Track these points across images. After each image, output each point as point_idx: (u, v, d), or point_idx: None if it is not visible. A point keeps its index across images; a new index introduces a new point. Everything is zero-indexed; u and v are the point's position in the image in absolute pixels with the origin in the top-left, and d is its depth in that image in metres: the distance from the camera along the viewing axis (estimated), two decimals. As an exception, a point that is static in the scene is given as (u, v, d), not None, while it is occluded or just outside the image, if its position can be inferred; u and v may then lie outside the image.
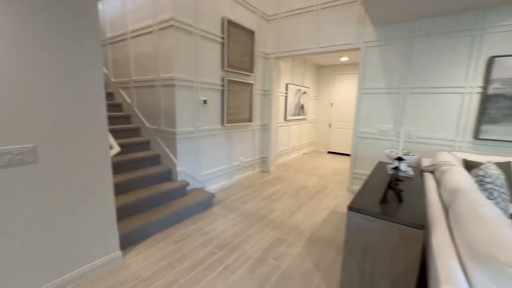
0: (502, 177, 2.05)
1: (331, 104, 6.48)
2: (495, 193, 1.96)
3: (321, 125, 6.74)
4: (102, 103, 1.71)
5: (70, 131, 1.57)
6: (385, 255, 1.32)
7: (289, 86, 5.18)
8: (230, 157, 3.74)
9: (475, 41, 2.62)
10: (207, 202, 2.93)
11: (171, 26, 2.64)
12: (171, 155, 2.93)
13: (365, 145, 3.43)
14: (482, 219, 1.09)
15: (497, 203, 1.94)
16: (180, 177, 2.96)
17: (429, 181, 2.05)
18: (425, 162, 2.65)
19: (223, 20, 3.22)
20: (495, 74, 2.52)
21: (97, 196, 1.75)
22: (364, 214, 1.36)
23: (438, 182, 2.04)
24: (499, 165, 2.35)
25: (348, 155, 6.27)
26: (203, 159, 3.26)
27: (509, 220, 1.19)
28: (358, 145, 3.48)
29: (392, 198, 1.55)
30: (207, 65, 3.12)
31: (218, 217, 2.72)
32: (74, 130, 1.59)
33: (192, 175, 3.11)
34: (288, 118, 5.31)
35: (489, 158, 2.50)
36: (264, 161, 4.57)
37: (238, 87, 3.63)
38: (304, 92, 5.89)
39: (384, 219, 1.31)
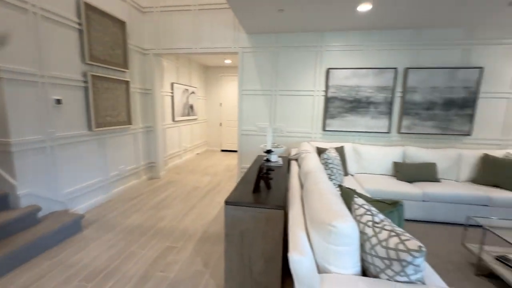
0: (338, 158, 2.76)
1: (220, 104, 6.73)
2: (335, 170, 2.61)
3: (213, 124, 6.89)
4: None
5: None
6: (258, 238, 1.49)
7: (175, 85, 4.95)
8: (105, 167, 3.17)
9: (318, 55, 3.40)
10: (73, 227, 2.36)
11: (-14, -4, 1.90)
12: (5, 174, 2.15)
13: (248, 142, 3.77)
14: (320, 192, 1.41)
15: (335, 178, 2.60)
16: (26, 202, 2.22)
17: (294, 167, 2.50)
18: (293, 152, 3.22)
19: (78, 2, 2.64)
20: (331, 81, 3.37)
21: None
22: (239, 205, 1.48)
23: (300, 168, 2.51)
24: (337, 149, 3.17)
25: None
26: (64, 174, 2.59)
27: (338, 192, 1.61)
28: (243, 141, 3.79)
29: (264, 187, 1.77)
30: (59, 55, 2.48)
31: (89, 241, 2.24)
32: None
33: (47, 197, 2.41)
34: (177, 118, 5.08)
35: (331, 144, 3.33)
36: (152, 166, 4.17)
37: (109, 84, 3.10)
38: (193, 92, 5.81)
39: (254, 207, 1.47)
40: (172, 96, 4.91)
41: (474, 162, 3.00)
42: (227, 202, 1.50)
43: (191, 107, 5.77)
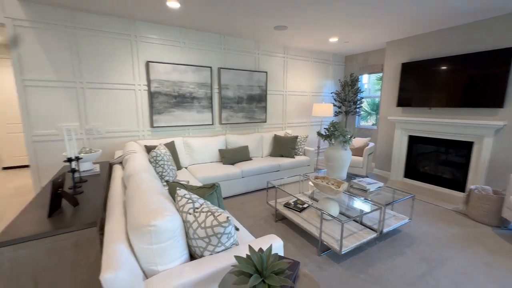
0: (168, 153, 2.73)
1: (-11, 100, 4.46)
2: (166, 167, 2.57)
3: (-23, 131, 4.45)
4: None
5: None
6: (65, 275, 1.15)
7: None
8: None
9: (133, 46, 3.10)
10: None
11: None
12: None
13: (47, 150, 2.80)
14: (141, 193, 1.31)
15: (168, 174, 2.57)
16: None
17: (117, 172, 2.17)
18: (118, 154, 2.79)
19: None
20: (152, 75, 3.22)
21: None
22: (22, 242, 1.06)
23: (124, 171, 2.22)
24: (167, 145, 3.13)
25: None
26: None
27: (165, 190, 1.57)
28: (37, 151, 2.76)
29: (68, 205, 1.38)
30: None
31: None
32: None
33: None
34: None
35: (162, 141, 3.24)
36: None
37: None
38: None
39: (52, 235, 1.11)
40: None
41: (269, 141, 4.11)
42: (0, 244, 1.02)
43: None
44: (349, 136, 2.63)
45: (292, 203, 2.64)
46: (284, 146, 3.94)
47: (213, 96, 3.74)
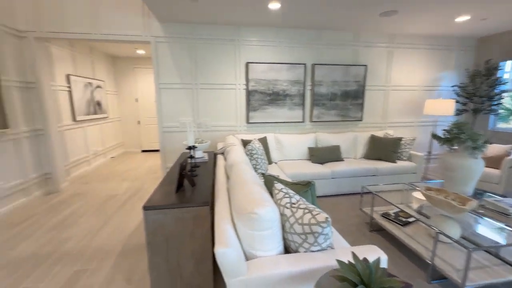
0: (262, 148, 2.91)
1: (136, 100, 6.02)
2: (259, 160, 2.75)
3: (129, 123, 6.11)
4: None
5: None
6: (186, 240, 1.41)
7: (72, 78, 4.10)
8: (-31, 187, 2.36)
9: (236, 49, 3.45)
10: None
11: None
12: None
13: (171, 139, 3.53)
14: (243, 183, 1.45)
15: (261, 167, 2.74)
16: None
17: (220, 161, 2.49)
18: (219, 146, 3.20)
19: None
20: (250, 75, 3.49)
21: None
22: (160, 209, 1.37)
23: (226, 161, 2.52)
24: (260, 140, 3.34)
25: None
26: None
27: (261, 180, 1.69)
28: (165, 139, 3.51)
29: (188, 185, 1.68)
30: None
31: None
32: None
33: None
34: (79, 118, 4.25)
35: (255, 136, 3.48)
36: (48, 178, 3.37)
37: (-37, 75, 2.28)
38: (99, 86, 4.96)
39: (178, 207, 1.39)
40: (70, 91, 4.06)
41: (365, 142, 3.72)
42: (145, 207, 1.35)
43: (98, 103, 4.93)
44: (482, 141, 2.04)
45: (393, 214, 2.30)
46: (383, 149, 3.48)
47: (305, 93, 3.71)
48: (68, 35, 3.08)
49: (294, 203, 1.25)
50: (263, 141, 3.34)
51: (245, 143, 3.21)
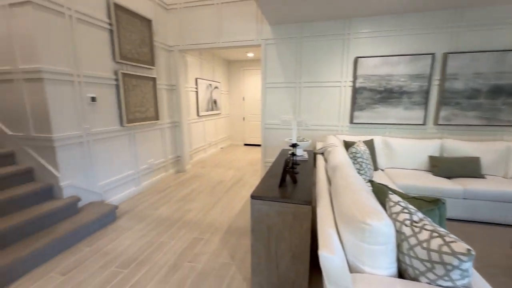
0: (367, 151, 2.62)
1: (243, 98, 6.74)
2: (364, 165, 2.49)
3: (236, 119, 6.93)
4: None
5: None
6: (285, 233, 1.46)
7: (199, 80, 5.03)
8: (136, 160, 3.33)
9: (345, 44, 3.22)
10: (108, 216, 2.52)
11: (28, 2, 2.05)
12: (51, 167, 2.34)
13: (272, 135, 3.73)
14: (350, 187, 1.34)
15: (365, 173, 2.47)
16: (68, 193, 2.42)
17: (320, 161, 2.41)
18: (318, 146, 3.12)
19: (108, 3, 2.76)
20: (359, 71, 3.19)
21: None
22: (265, 200, 1.46)
23: (326, 161, 2.42)
24: (366, 142, 3.01)
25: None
26: (99, 167, 2.77)
27: (369, 188, 1.52)
28: (266, 135, 3.75)
29: (290, 181, 1.73)
30: (92, 55, 2.62)
31: (123, 231, 2.38)
32: None
33: (86, 188, 2.60)
34: (201, 113, 5.18)
35: (360, 138, 3.17)
36: (178, 160, 4.31)
37: (138, 81, 3.23)
38: (216, 87, 5.87)
39: (281, 202, 1.44)
40: (197, 92, 5.00)
41: (527, 156, 2.67)
42: (253, 197, 1.48)
43: (215, 102, 5.84)
44: None
45: None
46: (561, 168, 2.39)
47: (430, 90, 3.03)
48: (200, 46, 3.78)
49: (416, 222, 1.05)
50: (369, 144, 2.99)
51: (347, 144, 2.98)
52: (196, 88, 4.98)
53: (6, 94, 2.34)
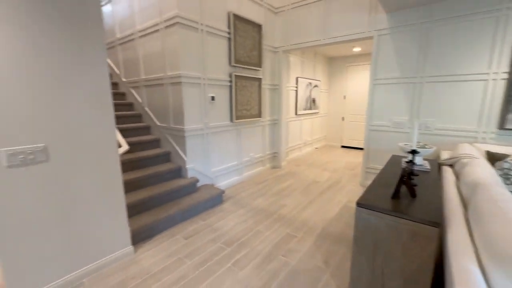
0: (531, 169, 1.89)
1: (344, 97, 6.29)
2: (522, 187, 1.81)
3: (334, 118, 6.57)
4: (109, 102, 1.74)
5: (78, 131, 1.61)
6: (396, 253, 1.25)
7: (299, 79, 5.07)
8: (240, 153, 3.73)
9: (500, 23, 2.41)
10: (217, 199, 2.95)
11: (176, 23, 2.64)
12: (181, 152, 2.97)
13: (378, 138, 3.29)
14: (505, 215, 0.99)
15: (524, 198, 1.79)
16: (190, 174, 2.99)
17: (448, 175, 1.93)
18: (444, 155, 2.50)
19: (229, 15, 3.18)
20: (523, 57, 2.31)
21: (108, 192, 1.80)
22: (373, 210, 1.30)
23: (457, 176, 1.91)
24: (528, 156, 2.16)
25: (362, 149, 6.09)
26: (213, 156, 3.27)
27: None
28: (371, 138, 3.35)
29: (405, 194, 1.46)
30: (214, 61, 3.10)
31: (228, 213, 2.73)
32: (82, 129, 1.63)
33: (202, 172, 3.14)
34: (299, 112, 5.21)
35: (516, 149, 2.31)
36: (275, 156, 4.52)
37: (247, 82, 3.59)
38: (316, 86, 5.75)
39: (394, 216, 1.24)
40: (296, 90, 5.06)
41: None
42: (359, 204, 1.35)
43: (313, 100, 5.74)
44: None
45: None
46: None
47: None
48: (304, 45, 3.79)
49: None
50: (533, 159, 2.13)
51: (493, 157, 2.25)
52: (296, 87, 5.04)
53: (158, 95, 3.12)
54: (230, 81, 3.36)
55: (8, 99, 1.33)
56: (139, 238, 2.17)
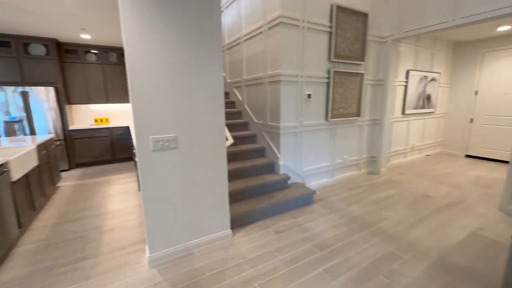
0: None
1: (475, 93, 4.88)
2: None
3: (457, 120, 5.21)
4: (222, 102, 1.97)
5: (199, 125, 1.90)
6: None
7: (411, 73, 4.28)
8: (333, 154, 3.51)
9: None
10: (307, 198, 2.89)
11: (279, 23, 2.71)
12: (275, 149, 3.06)
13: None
14: None
15: None
16: (282, 171, 3.05)
17: None
18: None
19: (331, 7, 3.01)
20: None
21: (216, 179, 2.06)
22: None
23: None
24: None
25: (502, 161, 4.57)
26: (305, 155, 3.22)
27: None
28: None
29: None
30: (312, 57, 3.02)
31: (318, 215, 2.62)
32: (202, 124, 1.91)
33: (293, 170, 3.14)
34: (408, 111, 4.42)
35: None
36: (373, 161, 4.02)
37: (346, 78, 3.32)
38: (432, 79, 4.72)
39: None
40: (406, 86, 4.31)
41: None
42: (518, 238, 0.98)
43: (428, 97, 4.74)
44: None
45: None
46: None
47: None
48: (425, 30, 3.14)
49: None
50: None
51: None
52: (406, 81, 4.29)
53: (257, 93, 3.33)
54: (328, 78, 3.19)
55: (157, 99, 1.71)
56: (235, 224, 2.38)
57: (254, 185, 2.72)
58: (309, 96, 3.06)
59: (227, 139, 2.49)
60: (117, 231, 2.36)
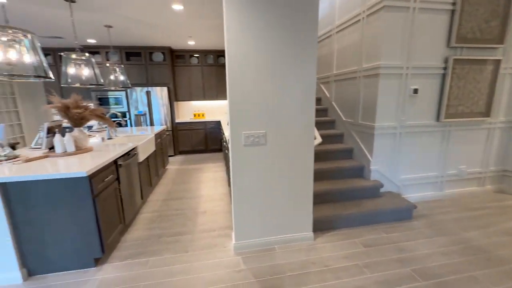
0: None
1: None
2: None
3: None
4: (313, 99, 1.87)
5: (288, 122, 1.87)
6: None
7: None
8: (444, 162, 2.84)
9: None
10: (405, 212, 2.45)
11: (382, 7, 2.35)
12: (366, 151, 2.73)
13: None
14: None
15: None
16: (373, 176, 2.69)
17: None
18: None
19: (458, -22, 2.39)
20: None
21: (301, 177, 1.99)
22: None
23: None
24: None
25: None
26: (404, 160, 2.73)
27: None
28: None
29: None
30: (424, 44, 2.50)
31: (419, 235, 2.18)
32: (290, 121, 1.88)
33: (388, 177, 2.72)
34: None
35: None
36: (505, 176, 3.04)
37: (471, 68, 2.60)
38: None
39: None
40: None
41: None
42: None
43: None
44: None
45: None
46: None
47: None
48: None
49: None
50: None
51: None
52: None
53: (348, 89, 3.04)
54: (445, 68, 2.57)
55: (251, 97, 1.78)
56: (317, 227, 2.26)
57: (340, 188, 2.51)
58: (415, 91, 2.55)
59: (315, 138, 2.38)
60: (209, 214, 2.66)
